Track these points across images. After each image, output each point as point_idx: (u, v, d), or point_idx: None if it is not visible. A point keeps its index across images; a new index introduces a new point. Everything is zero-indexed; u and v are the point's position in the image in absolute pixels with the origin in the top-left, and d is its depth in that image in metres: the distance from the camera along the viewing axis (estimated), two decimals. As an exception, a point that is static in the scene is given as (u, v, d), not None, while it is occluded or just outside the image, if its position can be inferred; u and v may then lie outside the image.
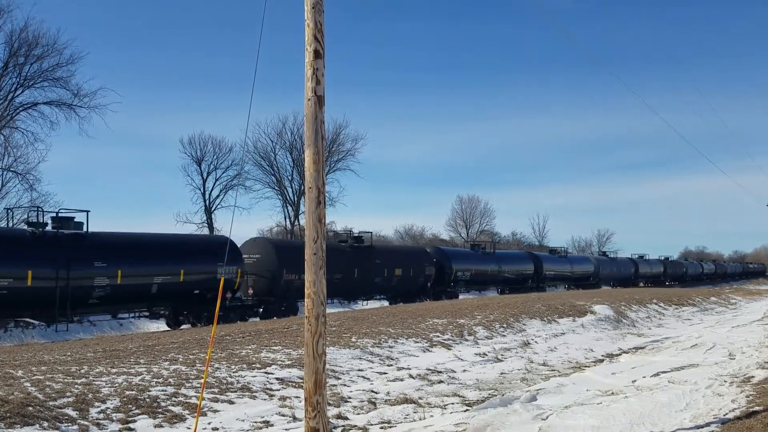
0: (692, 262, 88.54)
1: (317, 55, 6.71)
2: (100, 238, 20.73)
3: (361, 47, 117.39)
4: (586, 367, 13.72)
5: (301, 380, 9.27)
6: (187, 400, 8.66)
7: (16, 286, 17.99)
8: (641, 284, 62.45)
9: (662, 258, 74.73)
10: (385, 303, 32.83)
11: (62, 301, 19.00)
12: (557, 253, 53.30)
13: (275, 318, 23.04)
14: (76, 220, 20.61)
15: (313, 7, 6.73)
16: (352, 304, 30.95)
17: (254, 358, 11.57)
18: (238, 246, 25.26)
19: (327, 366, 6.90)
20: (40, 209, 20.86)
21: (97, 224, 21.09)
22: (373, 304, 31.36)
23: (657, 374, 12.07)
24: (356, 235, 32.06)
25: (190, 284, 22.49)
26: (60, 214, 20.76)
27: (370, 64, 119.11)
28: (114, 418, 7.73)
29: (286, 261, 25.43)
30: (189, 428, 7.65)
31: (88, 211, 20.65)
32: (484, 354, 14.29)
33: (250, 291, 25.08)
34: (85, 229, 20.41)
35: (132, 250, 21.35)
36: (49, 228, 19.98)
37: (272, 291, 25.48)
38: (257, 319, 23.76)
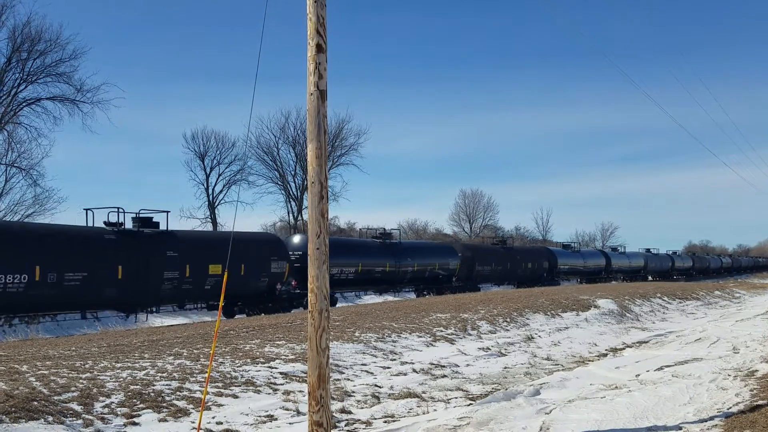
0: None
1: (319, 49, 6.70)
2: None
3: (363, 41, 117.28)
4: (589, 361, 13.72)
5: (305, 375, 9.29)
6: (192, 395, 8.68)
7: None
8: (650, 278, 62.95)
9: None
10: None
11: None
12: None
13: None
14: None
15: (315, 1, 6.71)
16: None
17: (258, 353, 11.59)
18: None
19: (330, 360, 6.91)
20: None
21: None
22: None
23: (661, 368, 12.07)
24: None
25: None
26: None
27: (372, 58, 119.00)
28: (119, 413, 7.75)
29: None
30: (193, 422, 7.67)
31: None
32: (488, 348, 14.30)
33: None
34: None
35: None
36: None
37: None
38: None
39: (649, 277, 63.47)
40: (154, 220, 22.46)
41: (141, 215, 22.19)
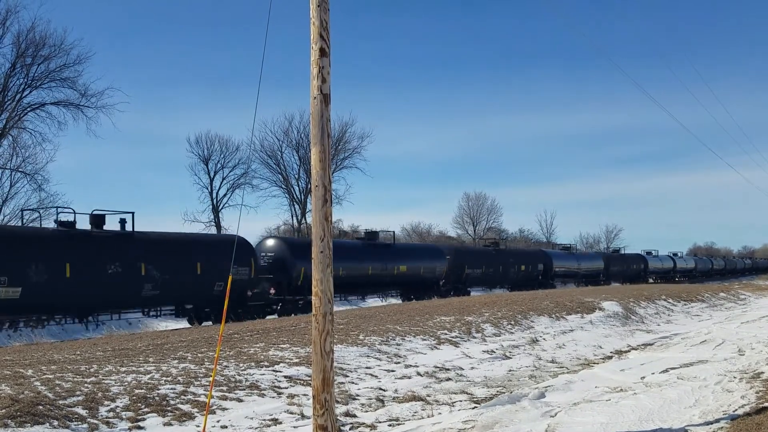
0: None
1: (323, 53, 6.71)
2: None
3: (366, 43, 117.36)
4: (594, 363, 13.69)
5: (309, 378, 9.29)
6: (196, 399, 8.69)
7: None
8: (651, 280, 62.14)
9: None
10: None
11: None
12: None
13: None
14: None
15: (318, 6, 6.73)
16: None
17: (262, 356, 11.60)
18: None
19: (335, 364, 6.91)
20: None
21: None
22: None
23: (666, 371, 12.03)
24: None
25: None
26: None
27: (375, 61, 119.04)
28: (123, 417, 7.76)
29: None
30: (198, 426, 7.67)
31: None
32: (492, 351, 14.28)
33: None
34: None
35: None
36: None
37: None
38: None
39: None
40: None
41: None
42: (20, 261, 18.12)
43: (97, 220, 21.00)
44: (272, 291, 25.71)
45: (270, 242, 27.87)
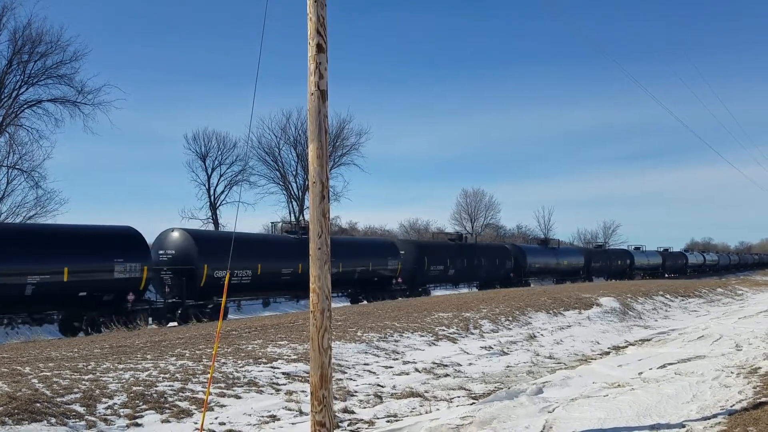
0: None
1: (320, 49, 6.69)
2: None
3: (363, 40, 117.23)
4: (592, 359, 13.71)
5: (307, 375, 9.29)
6: (194, 395, 8.68)
7: None
8: (638, 277, 59.53)
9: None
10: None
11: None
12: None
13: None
14: None
15: (315, 1, 6.71)
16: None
17: (260, 353, 11.59)
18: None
19: (333, 360, 6.91)
20: None
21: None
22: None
23: (664, 366, 12.05)
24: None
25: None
26: None
27: (373, 57, 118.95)
28: (121, 414, 7.76)
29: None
30: (196, 423, 7.67)
31: None
32: (490, 347, 14.29)
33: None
34: None
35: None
36: None
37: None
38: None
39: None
40: None
41: None
42: None
43: None
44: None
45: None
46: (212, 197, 54.97)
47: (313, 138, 6.71)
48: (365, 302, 28.54)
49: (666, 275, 66.73)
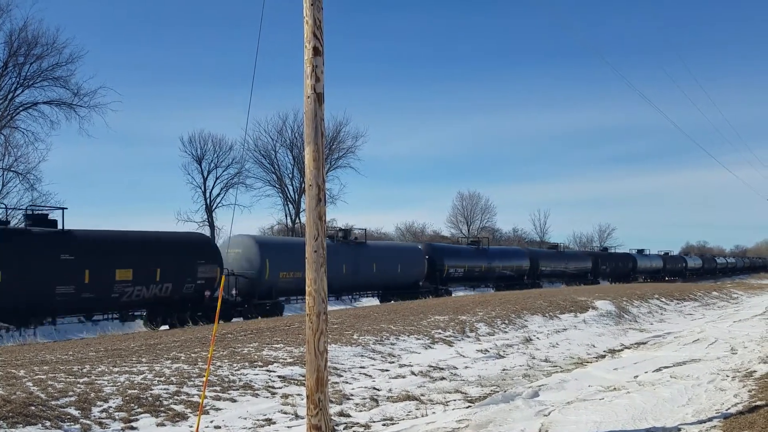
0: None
1: (316, 52, 6.69)
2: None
3: (358, 42, 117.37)
4: (588, 362, 13.71)
5: (303, 378, 9.27)
6: (190, 399, 8.66)
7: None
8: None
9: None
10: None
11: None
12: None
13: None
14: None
15: (311, 4, 6.71)
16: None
17: (256, 356, 11.57)
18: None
19: (329, 363, 6.90)
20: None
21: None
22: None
23: (659, 369, 12.07)
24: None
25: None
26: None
27: (369, 59, 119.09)
28: (116, 417, 7.73)
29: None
30: (191, 426, 7.65)
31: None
32: (486, 350, 14.29)
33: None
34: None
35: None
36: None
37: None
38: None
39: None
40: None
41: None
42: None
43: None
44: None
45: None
46: (208, 200, 55.01)
47: (309, 141, 6.70)
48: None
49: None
